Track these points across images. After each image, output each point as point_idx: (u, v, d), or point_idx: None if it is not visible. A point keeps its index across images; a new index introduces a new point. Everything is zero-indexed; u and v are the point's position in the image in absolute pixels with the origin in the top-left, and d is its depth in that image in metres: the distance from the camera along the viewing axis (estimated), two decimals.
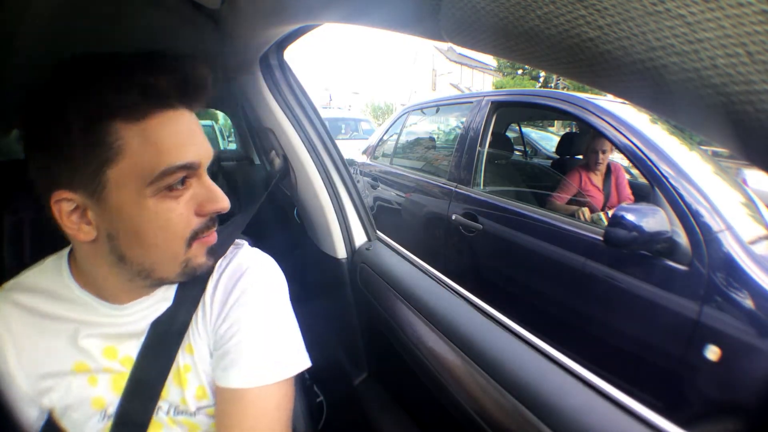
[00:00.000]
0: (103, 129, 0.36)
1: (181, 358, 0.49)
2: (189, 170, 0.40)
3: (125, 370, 0.47)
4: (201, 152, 0.41)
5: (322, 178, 0.88)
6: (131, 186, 0.38)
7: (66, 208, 0.39)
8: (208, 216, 0.43)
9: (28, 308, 0.46)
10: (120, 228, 0.39)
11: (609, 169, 1.95)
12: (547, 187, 2.06)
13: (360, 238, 0.91)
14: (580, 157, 2.17)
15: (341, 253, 0.90)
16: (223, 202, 0.42)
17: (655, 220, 1.23)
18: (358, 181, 3.03)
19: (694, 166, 1.43)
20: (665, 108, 0.18)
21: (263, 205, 0.78)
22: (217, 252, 0.48)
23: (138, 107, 0.37)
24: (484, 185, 1.96)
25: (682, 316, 1.16)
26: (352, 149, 3.66)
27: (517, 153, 2.81)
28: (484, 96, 2.07)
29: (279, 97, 0.86)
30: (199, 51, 0.79)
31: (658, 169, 1.33)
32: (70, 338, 0.46)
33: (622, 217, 1.24)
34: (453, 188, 2.03)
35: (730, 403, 1.09)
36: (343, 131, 6.89)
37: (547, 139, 4.28)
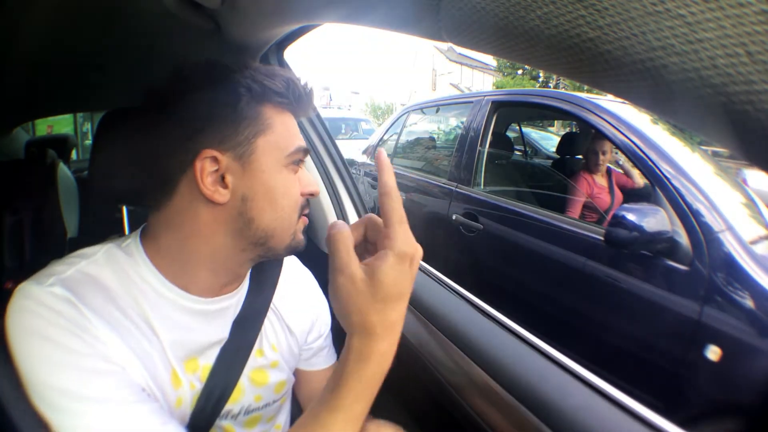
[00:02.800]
0: (261, 107, 0.45)
1: (268, 356, 0.53)
2: (304, 155, 0.48)
3: (200, 385, 0.46)
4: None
5: (322, 178, 0.88)
6: (274, 154, 0.44)
7: (209, 167, 0.42)
8: (305, 196, 0.49)
9: (106, 306, 0.40)
10: (258, 190, 0.44)
11: (608, 169, 1.95)
12: (548, 186, 2.06)
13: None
14: (580, 157, 2.17)
15: None
16: (317, 187, 0.50)
17: (656, 220, 1.23)
18: (360, 182, 3.02)
19: (695, 166, 1.43)
20: (665, 108, 0.18)
21: None
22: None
23: (284, 102, 0.46)
24: (484, 185, 1.96)
25: (682, 316, 1.16)
26: (352, 149, 3.66)
27: (517, 153, 2.81)
28: (485, 96, 2.07)
29: None
30: (199, 51, 0.79)
31: (658, 168, 1.33)
32: (159, 343, 0.43)
33: (623, 217, 1.24)
34: (453, 188, 2.02)
35: (730, 403, 1.09)
36: (343, 131, 6.89)
37: (547, 139, 4.28)
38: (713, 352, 1.09)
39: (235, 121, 0.43)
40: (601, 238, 1.34)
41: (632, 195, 1.96)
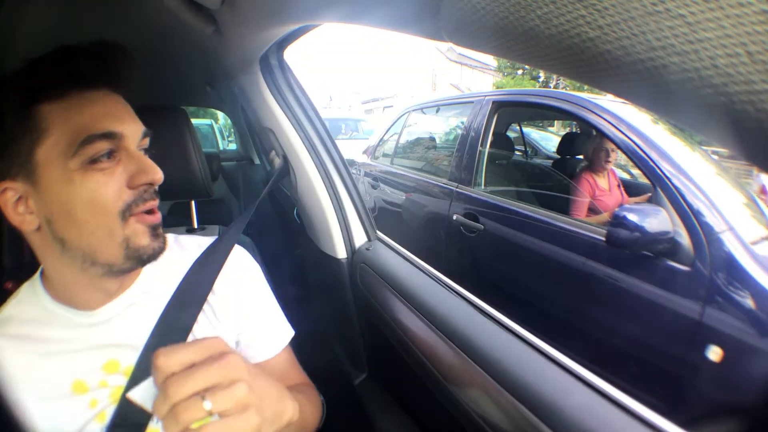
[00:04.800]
0: (30, 113, 0.39)
1: None
2: (112, 140, 0.41)
3: (123, 383, 0.46)
4: (124, 126, 0.42)
5: (322, 178, 0.88)
6: (57, 162, 0.39)
7: (11, 198, 0.40)
8: (141, 188, 0.42)
9: (14, 337, 0.45)
10: (54, 209, 0.40)
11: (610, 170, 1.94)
12: (549, 187, 2.05)
13: (360, 238, 0.91)
14: (581, 157, 2.16)
15: (341, 253, 0.90)
16: (155, 174, 0.42)
17: (657, 220, 1.23)
18: (360, 182, 3.00)
19: (696, 166, 1.43)
20: (665, 108, 0.17)
21: (264, 205, 0.78)
22: (226, 240, 0.53)
23: (58, 87, 0.39)
24: (485, 185, 1.95)
25: (684, 316, 1.16)
26: (352, 149, 3.66)
27: (517, 153, 2.81)
28: (485, 96, 2.06)
29: (279, 97, 0.86)
30: (199, 51, 0.79)
31: (659, 168, 1.33)
32: (62, 357, 0.45)
33: (624, 218, 1.24)
34: (454, 188, 2.02)
35: (731, 403, 1.08)
36: (343, 131, 6.89)
37: (547, 139, 4.28)
38: (714, 353, 1.09)
39: (11, 142, 0.39)
40: (603, 239, 1.33)
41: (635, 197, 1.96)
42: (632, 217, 1.23)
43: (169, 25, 0.64)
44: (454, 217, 1.94)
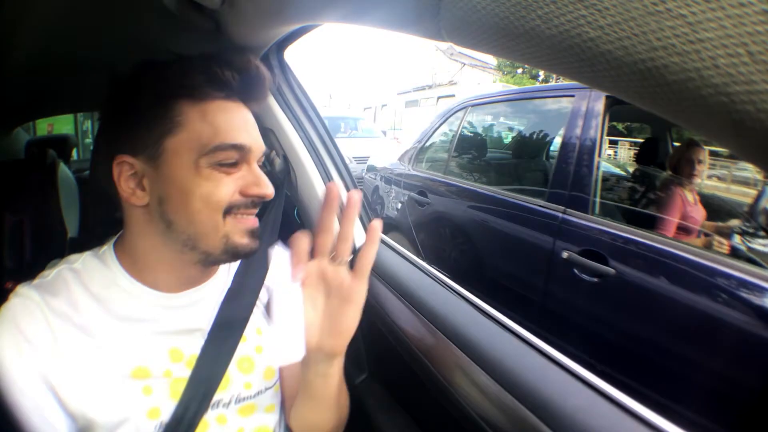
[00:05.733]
0: (166, 105, 0.43)
1: (252, 341, 0.53)
2: (240, 152, 0.44)
3: (185, 375, 0.47)
4: (252, 141, 0.46)
5: (323, 178, 0.88)
6: (187, 155, 0.42)
7: (126, 171, 0.44)
8: (250, 198, 0.45)
9: (66, 313, 0.43)
10: (171, 192, 0.43)
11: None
12: (654, 207, 1.57)
13: (360, 238, 0.91)
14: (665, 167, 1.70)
15: None
16: (267, 189, 0.46)
17: None
18: (390, 195, 2.37)
19: None
20: (666, 108, 0.18)
21: (264, 205, 0.78)
22: (264, 239, 0.53)
23: (201, 90, 0.43)
24: (602, 212, 1.41)
25: None
26: (364, 149, 3.27)
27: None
28: (590, 89, 1.46)
29: (279, 97, 0.86)
30: (199, 51, 0.79)
31: None
32: (127, 340, 0.45)
33: None
34: (560, 214, 1.44)
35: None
36: (342, 129, 6.88)
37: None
38: None
39: (142, 124, 0.43)
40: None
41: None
42: None
43: (168, 25, 0.64)
44: (565, 255, 1.39)
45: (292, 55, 0.86)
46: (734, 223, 1.58)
